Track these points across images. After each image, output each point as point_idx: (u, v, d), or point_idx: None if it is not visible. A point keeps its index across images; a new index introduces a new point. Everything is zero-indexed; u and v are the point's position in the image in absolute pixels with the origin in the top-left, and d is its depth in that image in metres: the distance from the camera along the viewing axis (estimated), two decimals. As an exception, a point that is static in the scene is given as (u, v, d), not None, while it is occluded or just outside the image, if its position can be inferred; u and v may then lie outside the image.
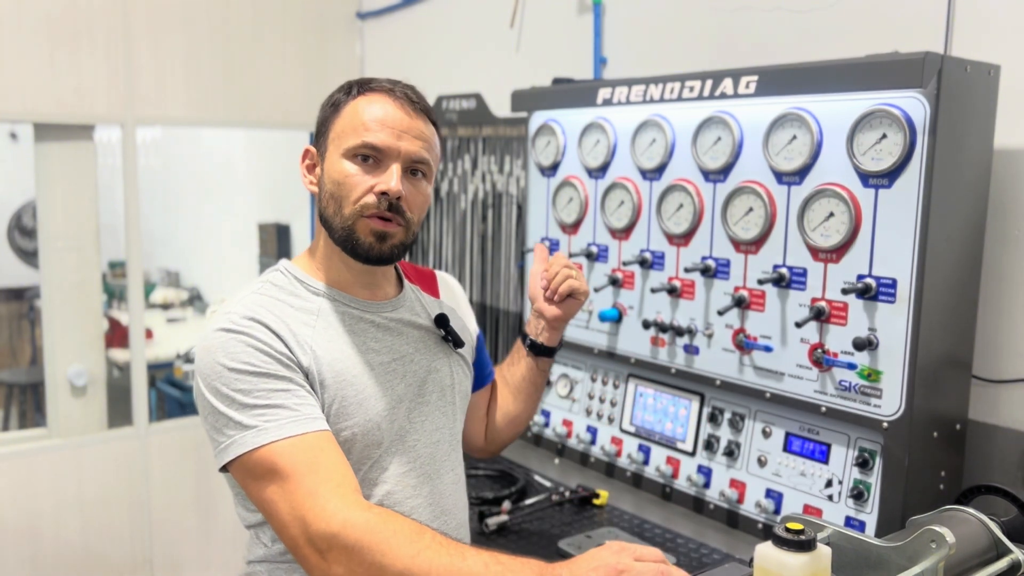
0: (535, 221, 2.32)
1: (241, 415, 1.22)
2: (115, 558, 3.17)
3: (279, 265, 1.43)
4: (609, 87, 2.04)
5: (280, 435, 1.20)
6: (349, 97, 1.36)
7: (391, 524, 1.14)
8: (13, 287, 5.98)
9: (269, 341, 1.26)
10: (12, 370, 5.50)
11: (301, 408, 1.24)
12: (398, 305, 1.44)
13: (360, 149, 1.32)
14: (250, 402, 1.22)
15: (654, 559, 1.14)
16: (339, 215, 1.33)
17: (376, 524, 1.13)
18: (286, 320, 1.30)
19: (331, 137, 1.36)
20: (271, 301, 1.33)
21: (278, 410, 1.22)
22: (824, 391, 1.67)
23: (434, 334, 1.47)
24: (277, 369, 1.25)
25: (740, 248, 1.81)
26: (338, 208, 1.33)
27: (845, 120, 1.59)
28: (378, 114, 1.33)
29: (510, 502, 1.90)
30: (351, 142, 1.32)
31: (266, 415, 1.21)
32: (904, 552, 1.20)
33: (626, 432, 2.12)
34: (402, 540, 1.12)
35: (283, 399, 1.23)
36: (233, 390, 1.23)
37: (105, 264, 5.30)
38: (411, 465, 1.37)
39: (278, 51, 3.34)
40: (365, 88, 1.36)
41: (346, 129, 1.33)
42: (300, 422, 1.22)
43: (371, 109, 1.33)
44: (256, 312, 1.29)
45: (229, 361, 1.24)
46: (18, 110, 2.85)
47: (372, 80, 1.38)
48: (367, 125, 1.32)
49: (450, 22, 3.08)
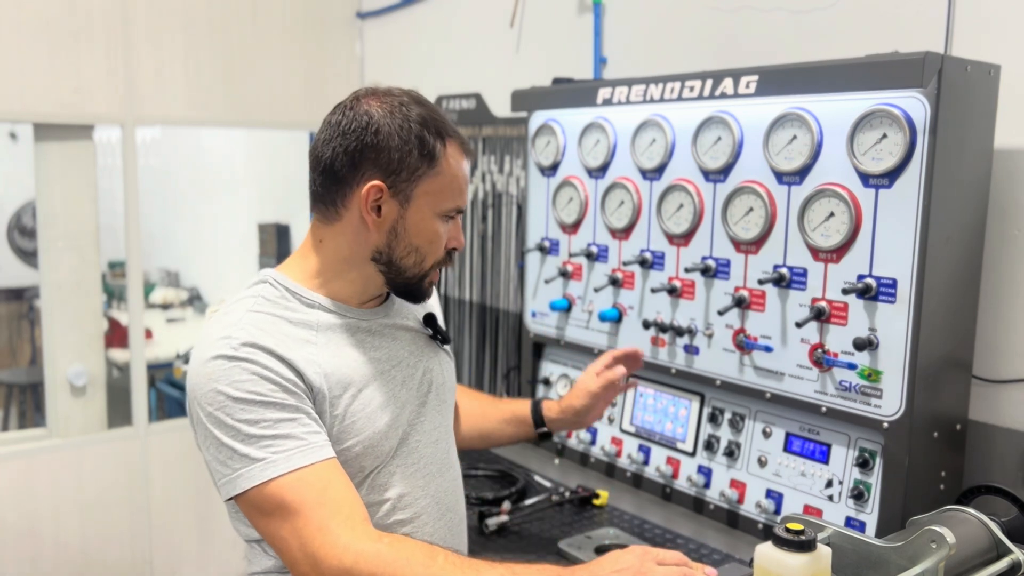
0: (535, 221, 2.32)
1: (247, 447, 1.19)
2: (114, 558, 3.17)
3: (266, 276, 1.36)
4: (609, 87, 2.03)
5: (288, 467, 1.18)
6: (438, 145, 1.31)
7: (403, 552, 1.14)
8: (13, 287, 5.98)
9: (274, 367, 1.23)
10: (12, 370, 5.50)
11: (308, 437, 1.22)
12: (388, 310, 1.43)
13: (453, 211, 1.36)
14: (257, 433, 1.20)
15: (676, 562, 1.14)
16: (419, 267, 1.36)
17: (388, 554, 1.13)
18: (287, 339, 1.27)
19: (424, 191, 1.32)
20: (268, 319, 1.29)
21: (285, 440, 1.20)
22: (824, 391, 1.67)
23: (422, 334, 1.47)
24: (283, 397, 1.22)
25: (740, 248, 1.81)
26: (420, 261, 1.36)
27: (845, 120, 1.59)
28: (466, 173, 1.37)
29: (510, 502, 1.90)
30: (450, 204, 1.34)
31: (273, 446, 1.19)
32: (904, 552, 1.20)
33: (626, 432, 2.12)
34: (416, 566, 1.12)
35: (290, 428, 1.21)
36: (238, 420, 1.20)
37: (105, 264, 5.30)
38: (416, 466, 1.38)
39: (278, 51, 3.34)
40: (447, 136, 1.33)
41: (446, 189, 1.33)
42: (307, 452, 1.20)
43: (463, 171, 1.36)
44: (255, 336, 1.24)
45: (233, 390, 1.20)
46: (18, 110, 2.85)
47: (448, 126, 1.34)
48: (462, 189, 1.36)
49: (450, 22, 3.08)
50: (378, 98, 1.31)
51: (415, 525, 1.36)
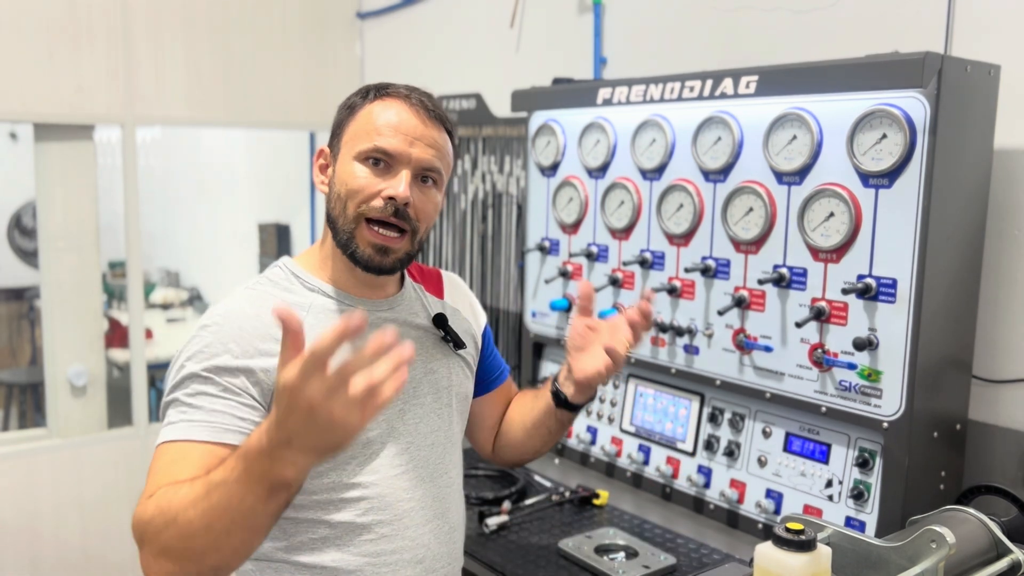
0: (535, 221, 2.32)
1: (171, 410, 1.23)
2: (115, 558, 3.17)
3: (280, 261, 1.43)
4: (609, 87, 2.04)
5: (175, 436, 1.19)
6: (365, 101, 1.36)
7: (167, 492, 1.11)
8: (13, 287, 5.98)
9: (229, 345, 1.25)
10: (12, 370, 5.50)
11: (208, 416, 1.21)
12: (394, 304, 1.43)
13: (371, 153, 1.32)
14: (177, 398, 1.23)
15: None
16: (343, 216, 1.33)
17: (157, 498, 1.11)
18: (265, 318, 1.26)
19: (344, 139, 1.36)
20: (259, 296, 1.33)
21: (189, 411, 1.22)
22: (824, 391, 1.67)
23: (433, 334, 1.46)
24: (220, 375, 1.23)
25: (740, 248, 1.81)
26: (343, 209, 1.33)
27: (845, 120, 1.59)
28: (392, 119, 1.33)
29: (510, 502, 1.90)
30: (363, 145, 1.32)
31: (186, 413, 1.21)
32: (904, 552, 1.20)
33: (626, 432, 2.12)
34: (172, 496, 1.09)
35: (205, 402, 1.22)
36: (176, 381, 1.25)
37: (105, 264, 5.30)
38: (405, 467, 1.36)
39: (278, 51, 3.34)
40: (382, 93, 1.36)
41: (359, 132, 1.34)
42: (192, 428, 1.20)
43: (386, 114, 1.33)
44: (229, 315, 1.29)
45: (187, 353, 1.26)
46: (18, 110, 2.85)
47: (390, 86, 1.38)
48: (380, 130, 1.32)
49: (450, 22, 3.08)
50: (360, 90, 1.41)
51: (394, 527, 1.33)
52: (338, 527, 1.30)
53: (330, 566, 1.30)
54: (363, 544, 1.31)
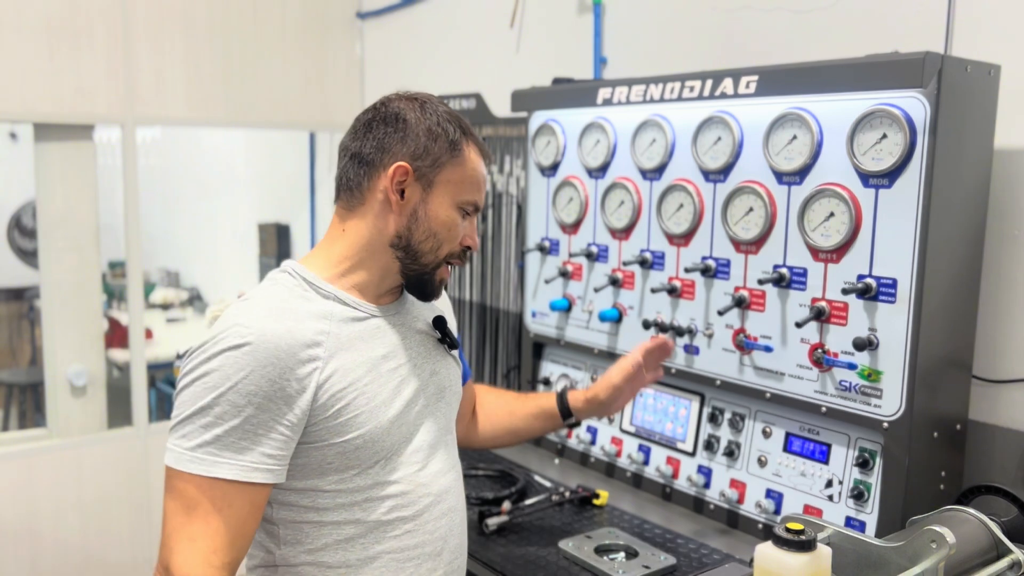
0: (535, 221, 2.32)
1: (202, 433, 1.22)
2: (115, 558, 3.17)
3: (287, 266, 1.39)
4: (609, 87, 2.04)
5: (211, 473, 1.21)
6: (463, 142, 1.39)
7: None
8: (13, 287, 5.99)
9: (267, 369, 1.23)
10: (12, 370, 5.50)
11: (249, 455, 1.23)
12: (400, 309, 1.45)
13: (470, 205, 1.40)
14: (210, 422, 1.22)
15: None
16: (433, 254, 1.39)
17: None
18: (296, 331, 1.27)
19: (444, 178, 1.37)
20: (280, 309, 1.30)
21: (229, 442, 1.22)
22: (824, 391, 1.67)
23: (431, 337, 1.48)
24: (261, 403, 1.23)
25: (740, 248, 1.81)
26: (436, 248, 1.39)
27: (845, 120, 1.59)
28: (482, 172, 1.42)
29: (510, 502, 1.90)
30: (468, 196, 1.39)
31: (215, 444, 1.22)
32: (904, 552, 1.20)
33: (626, 432, 2.12)
34: None
35: (239, 437, 1.22)
36: (206, 401, 1.23)
37: (105, 264, 5.30)
38: (419, 465, 1.40)
39: (278, 51, 3.34)
40: (469, 136, 1.41)
41: (466, 181, 1.39)
42: (236, 468, 1.22)
43: (481, 168, 1.41)
44: (264, 330, 1.25)
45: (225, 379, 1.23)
46: (18, 110, 2.85)
47: (470, 128, 1.42)
48: (479, 184, 1.41)
49: (450, 22, 3.08)
50: (407, 98, 1.40)
51: (416, 523, 1.38)
52: (365, 525, 1.34)
53: (355, 563, 1.33)
54: (387, 540, 1.35)
